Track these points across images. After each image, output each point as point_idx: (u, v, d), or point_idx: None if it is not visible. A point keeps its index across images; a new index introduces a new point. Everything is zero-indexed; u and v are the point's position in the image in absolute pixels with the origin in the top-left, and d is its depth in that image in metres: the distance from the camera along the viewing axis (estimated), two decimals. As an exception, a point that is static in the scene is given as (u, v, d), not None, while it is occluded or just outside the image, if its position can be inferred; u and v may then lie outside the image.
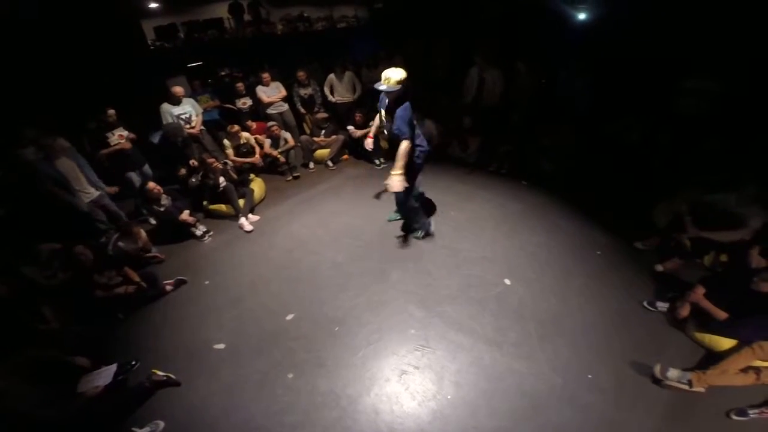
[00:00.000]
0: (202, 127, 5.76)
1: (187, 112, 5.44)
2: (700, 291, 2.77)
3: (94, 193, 4.41)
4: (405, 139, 3.30)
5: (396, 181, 3.32)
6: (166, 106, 5.30)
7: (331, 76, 6.67)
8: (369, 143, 4.05)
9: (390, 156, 4.05)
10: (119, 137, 4.69)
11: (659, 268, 3.46)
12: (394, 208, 4.37)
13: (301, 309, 3.41)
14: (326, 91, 6.69)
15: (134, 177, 4.90)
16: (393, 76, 3.23)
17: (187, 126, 5.45)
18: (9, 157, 4.10)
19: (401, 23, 8.32)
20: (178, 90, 5.34)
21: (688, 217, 3.38)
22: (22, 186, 4.07)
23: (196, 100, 5.75)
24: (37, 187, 3.93)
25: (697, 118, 4.47)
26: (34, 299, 3.30)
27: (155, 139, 5.29)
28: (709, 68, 4.52)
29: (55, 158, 4.10)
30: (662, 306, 3.06)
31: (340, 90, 6.68)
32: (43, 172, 3.93)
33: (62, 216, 4.08)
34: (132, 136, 4.81)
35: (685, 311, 2.80)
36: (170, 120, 5.29)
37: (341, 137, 6.14)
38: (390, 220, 4.49)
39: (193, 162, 5.12)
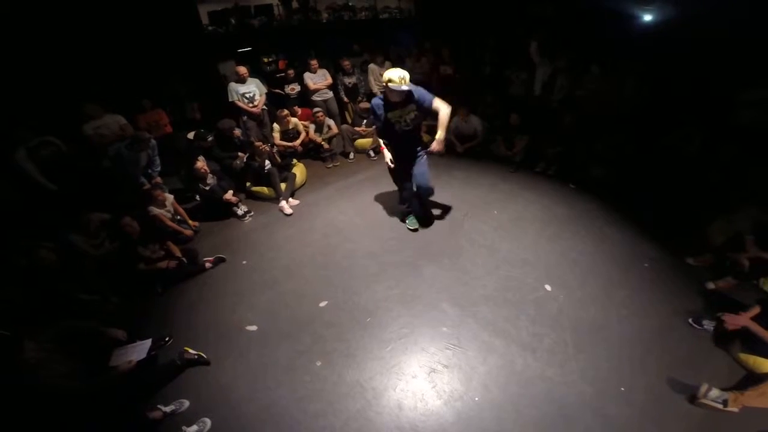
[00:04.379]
0: (264, 107, 5.93)
1: (251, 91, 5.63)
2: (751, 313, 2.60)
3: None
4: (441, 103, 3.41)
5: (440, 143, 3.50)
6: (233, 85, 5.53)
7: (372, 65, 6.65)
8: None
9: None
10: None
11: (711, 286, 3.25)
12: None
13: (334, 297, 3.41)
14: (370, 79, 6.69)
15: None
16: (405, 75, 3.25)
17: (251, 105, 5.63)
18: (70, 130, 4.38)
19: (448, 17, 8.18)
20: (242, 69, 5.53)
21: (751, 236, 3.14)
22: (80, 158, 4.33)
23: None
24: (110, 167, 4.37)
25: (760, 131, 4.12)
26: (80, 268, 3.42)
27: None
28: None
29: (141, 150, 4.43)
30: (708, 324, 2.88)
31: (380, 79, 6.64)
32: (125, 158, 4.34)
33: (117, 190, 4.34)
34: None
35: (732, 323, 2.63)
36: (236, 98, 5.52)
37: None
38: (412, 228, 4.22)
39: (242, 155, 5.23)
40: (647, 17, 5.62)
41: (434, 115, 3.49)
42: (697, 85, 4.78)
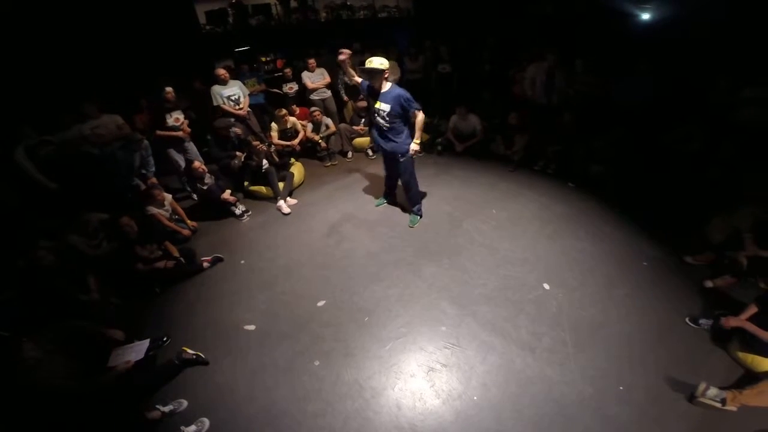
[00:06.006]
0: (249, 109, 5.86)
1: (235, 93, 5.54)
2: (748, 313, 2.60)
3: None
4: (417, 110, 3.66)
5: (415, 147, 3.81)
6: (216, 88, 5.43)
7: None
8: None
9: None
10: (175, 120, 4.89)
11: (709, 284, 3.25)
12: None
13: (332, 296, 3.40)
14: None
15: (174, 153, 5.05)
16: (376, 61, 3.59)
17: (236, 107, 5.56)
18: (65, 129, 4.36)
19: (447, 15, 8.18)
20: (222, 71, 5.43)
21: (749, 234, 3.13)
22: (74, 159, 4.32)
23: (244, 84, 5.84)
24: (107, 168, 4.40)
25: (760, 130, 4.12)
26: (79, 269, 3.39)
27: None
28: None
29: (134, 150, 4.49)
30: (705, 323, 2.88)
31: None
32: (120, 160, 4.40)
33: (113, 192, 4.33)
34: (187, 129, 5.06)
35: (727, 324, 2.64)
36: (220, 101, 5.43)
37: None
38: (378, 206, 4.73)
39: (239, 155, 5.20)
40: (645, 15, 5.63)
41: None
42: (698, 82, 4.77)
